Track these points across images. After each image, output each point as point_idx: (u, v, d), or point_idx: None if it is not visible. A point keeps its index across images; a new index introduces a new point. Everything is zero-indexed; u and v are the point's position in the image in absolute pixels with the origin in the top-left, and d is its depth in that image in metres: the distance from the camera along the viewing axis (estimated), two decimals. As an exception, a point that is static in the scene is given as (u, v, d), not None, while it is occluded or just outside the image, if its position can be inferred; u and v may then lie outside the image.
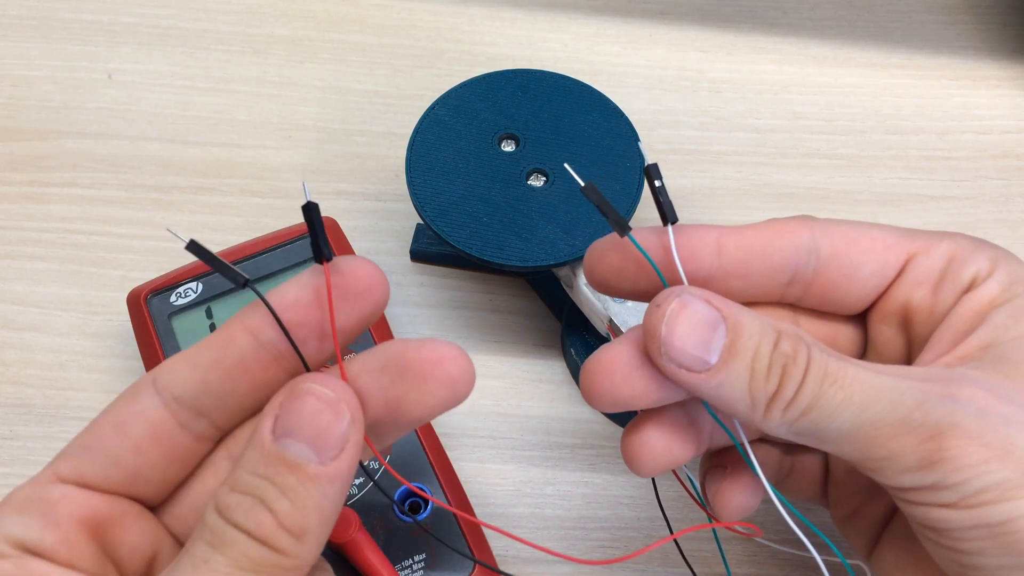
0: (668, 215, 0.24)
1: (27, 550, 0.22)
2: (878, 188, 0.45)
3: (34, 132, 0.45)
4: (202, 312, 0.36)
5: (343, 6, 0.50)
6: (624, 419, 0.37)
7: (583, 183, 0.24)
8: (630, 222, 0.25)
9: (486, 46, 0.49)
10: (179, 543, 0.24)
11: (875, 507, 0.28)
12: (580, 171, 0.26)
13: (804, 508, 0.25)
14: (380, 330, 0.37)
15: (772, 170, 0.45)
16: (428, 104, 0.38)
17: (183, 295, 0.36)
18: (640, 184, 0.36)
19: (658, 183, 0.24)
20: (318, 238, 0.22)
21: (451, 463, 0.35)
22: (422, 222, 0.39)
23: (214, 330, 0.23)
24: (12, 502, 0.22)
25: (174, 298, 0.36)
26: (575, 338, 0.38)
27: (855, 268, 0.26)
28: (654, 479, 0.28)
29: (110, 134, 0.45)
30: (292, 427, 0.21)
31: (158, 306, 0.36)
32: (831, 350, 0.23)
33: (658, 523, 0.36)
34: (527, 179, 0.36)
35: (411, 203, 0.36)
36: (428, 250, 0.41)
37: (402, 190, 0.42)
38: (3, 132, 0.45)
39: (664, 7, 0.50)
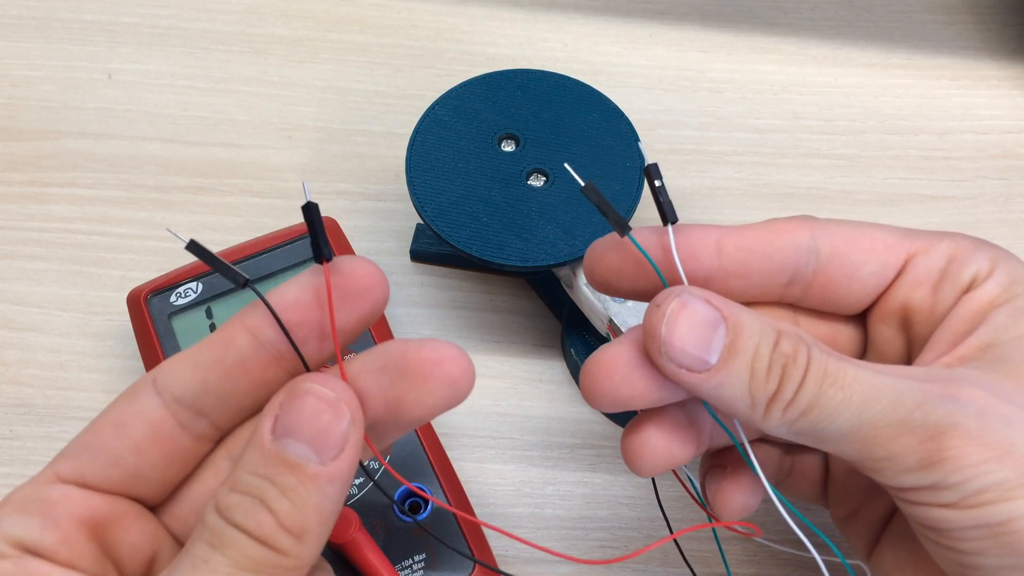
0: (668, 215, 0.24)
1: (27, 550, 0.22)
2: (878, 188, 0.45)
3: (34, 132, 0.45)
4: (202, 312, 0.36)
5: (343, 6, 0.50)
6: (624, 419, 0.37)
7: (583, 183, 0.24)
8: (630, 222, 0.25)
9: (486, 46, 0.49)
10: (179, 543, 0.24)
11: (875, 507, 0.28)
12: (580, 171, 0.26)
13: (804, 508, 0.25)
14: (380, 330, 0.37)
15: (772, 170, 0.45)
16: (428, 104, 0.38)
17: (183, 295, 0.36)
18: (640, 184, 0.36)
19: (658, 183, 0.24)
20: (318, 238, 0.22)
21: (451, 463, 0.35)
22: (422, 222, 0.39)
23: (214, 330, 0.23)
24: (12, 502, 0.22)
25: (174, 298, 0.36)
26: (575, 338, 0.38)
27: (855, 268, 0.26)
28: (654, 479, 0.28)
29: (110, 134, 0.45)
30: (292, 427, 0.21)
31: (158, 306, 0.36)
32: (831, 350, 0.23)
33: (658, 523, 0.36)
34: (527, 179, 0.36)
35: (411, 203, 0.36)
36: (428, 250, 0.41)
37: (402, 190, 0.42)
38: (3, 132, 0.45)
39: (664, 7, 0.50)
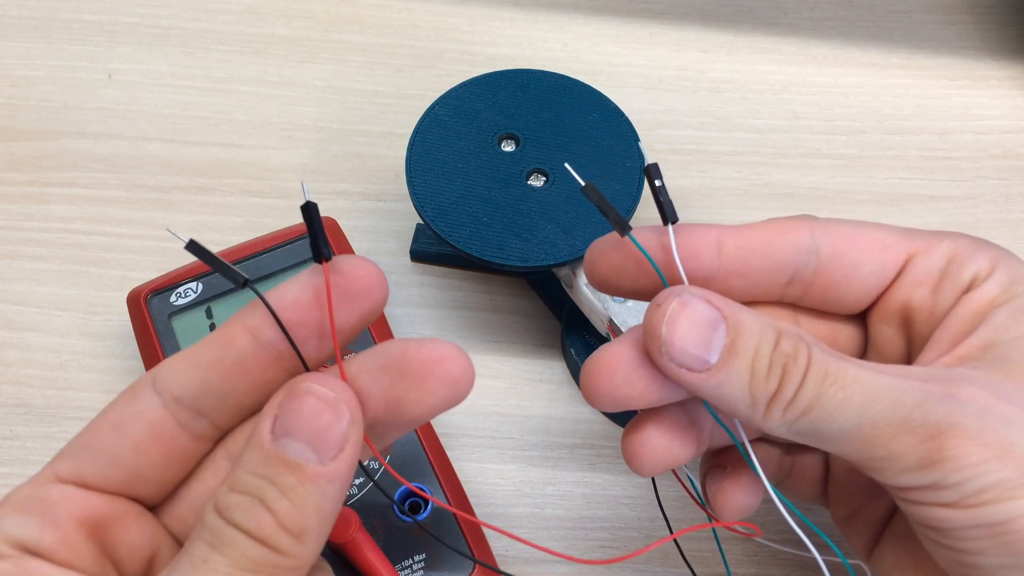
0: (668, 214, 0.24)
1: (26, 550, 0.22)
2: (878, 188, 0.45)
3: (34, 132, 0.45)
4: (202, 312, 0.36)
5: (343, 6, 0.50)
6: (624, 419, 0.37)
7: (583, 183, 0.24)
8: (630, 222, 0.25)
9: (486, 46, 0.49)
10: (178, 543, 0.24)
11: (875, 507, 0.28)
12: (580, 171, 0.26)
13: (804, 508, 0.25)
14: (380, 330, 0.37)
15: (772, 170, 0.45)
16: (428, 104, 0.38)
17: (183, 295, 0.36)
18: (640, 184, 0.36)
19: (658, 183, 0.24)
20: (317, 238, 0.22)
21: (451, 463, 0.35)
22: (422, 222, 0.39)
23: (214, 330, 0.23)
24: (11, 502, 0.22)
25: (174, 298, 0.36)
26: (575, 338, 0.38)
27: (855, 268, 0.26)
28: (654, 479, 0.28)
29: (110, 134, 0.45)
30: (291, 427, 0.21)
31: (158, 306, 0.36)
32: (831, 350, 0.23)
33: (658, 523, 0.36)
34: (527, 179, 0.36)
35: (411, 203, 0.36)
36: (428, 250, 0.41)
37: (402, 190, 0.42)
38: (3, 132, 0.45)
39: (664, 7, 0.50)
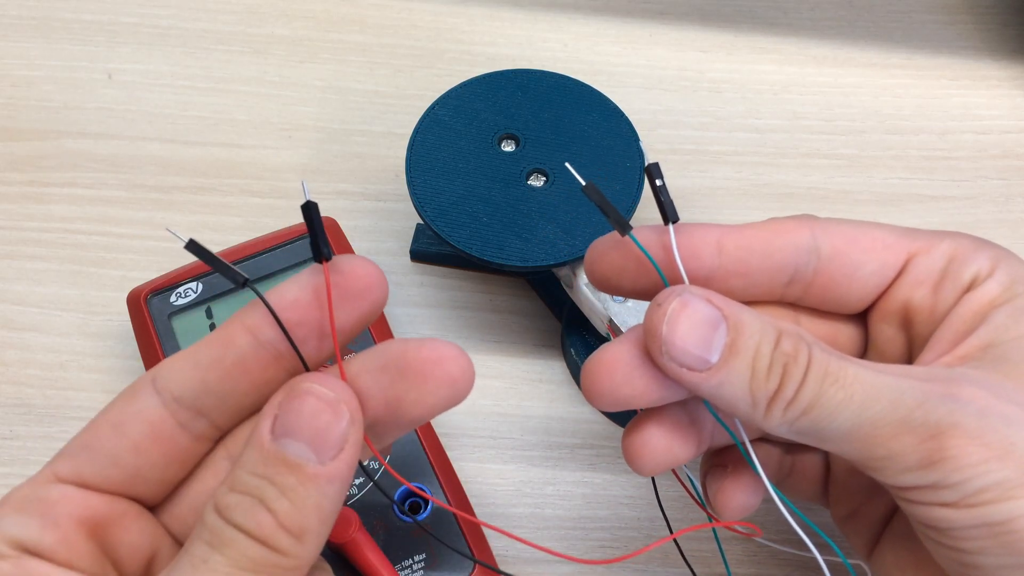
0: (669, 214, 0.24)
1: (26, 550, 0.22)
2: (878, 188, 0.45)
3: (34, 132, 0.45)
4: (202, 312, 0.36)
5: (343, 6, 0.50)
6: (624, 419, 0.37)
7: (584, 182, 0.24)
8: (630, 222, 0.25)
9: (486, 46, 0.49)
10: (178, 543, 0.24)
11: (876, 506, 0.28)
12: (580, 171, 0.26)
13: (804, 508, 0.25)
14: (380, 330, 0.37)
15: (772, 170, 0.45)
16: (428, 104, 0.38)
17: (183, 295, 0.36)
18: (640, 184, 0.36)
19: (659, 182, 0.24)
20: (317, 237, 0.22)
21: (451, 463, 0.34)
22: (422, 222, 0.39)
23: (214, 330, 0.23)
24: (11, 502, 0.22)
25: (174, 298, 0.36)
26: (575, 338, 0.38)
27: (855, 267, 0.26)
28: (654, 479, 0.28)
29: (110, 134, 0.45)
30: (291, 427, 0.21)
31: (158, 306, 0.36)
32: (832, 349, 0.23)
33: (658, 523, 0.36)
34: (527, 179, 0.36)
35: (411, 203, 0.36)
36: (428, 250, 0.41)
37: (402, 190, 0.42)
38: (3, 132, 0.45)
39: (664, 7, 0.50)
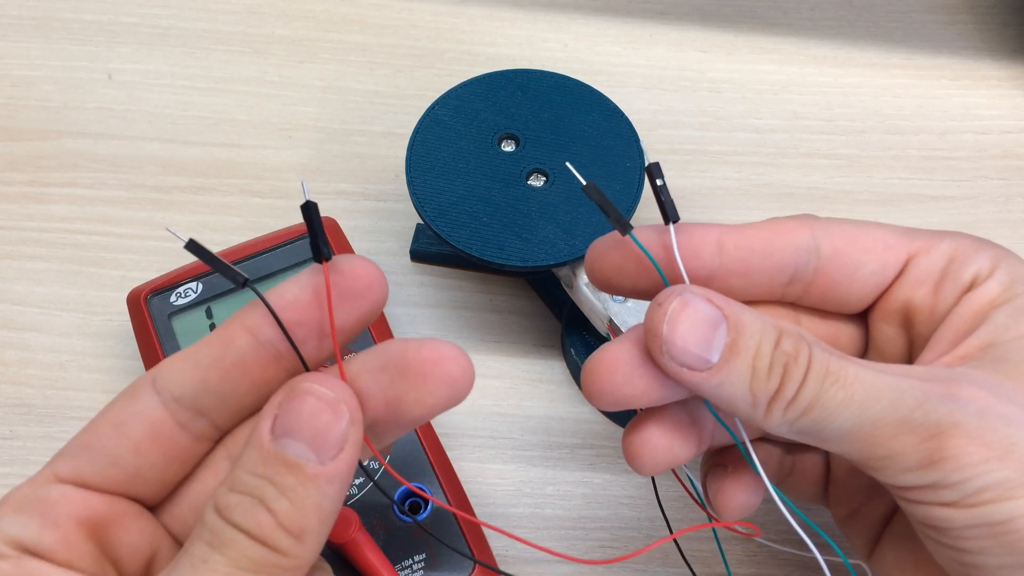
0: (670, 214, 0.24)
1: (26, 550, 0.22)
2: (878, 188, 0.45)
3: (34, 132, 0.45)
4: (202, 312, 0.36)
5: (343, 6, 0.50)
6: (624, 419, 0.37)
7: (584, 182, 0.24)
8: (630, 221, 0.25)
9: (486, 46, 0.49)
10: (178, 543, 0.24)
11: (876, 506, 0.28)
12: (580, 171, 0.26)
13: (805, 508, 0.25)
14: (380, 330, 0.37)
15: (772, 170, 0.45)
16: (428, 104, 0.38)
17: (183, 295, 0.36)
18: (640, 183, 0.36)
19: (660, 182, 0.24)
20: (317, 237, 0.22)
21: (451, 463, 0.34)
22: (422, 222, 0.39)
23: (214, 330, 0.23)
24: (11, 502, 0.22)
25: (174, 298, 0.36)
26: (575, 338, 0.38)
27: (856, 267, 0.26)
28: (654, 479, 0.28)
29: (110, 134, 0.45)
30: (291, 427, 0.21)
31: (158, 306, 0.36)
32: (832, 349, 0.23)
33: (658, 523, 0.36)
34: (527, 179, 0.36)
35: (411, 203, 0.36)
36: (428, 250, 0.41)
37: (402, 190, 0.42)
38: (3, 132, 0.45)
39: (664, 7, 0.50)
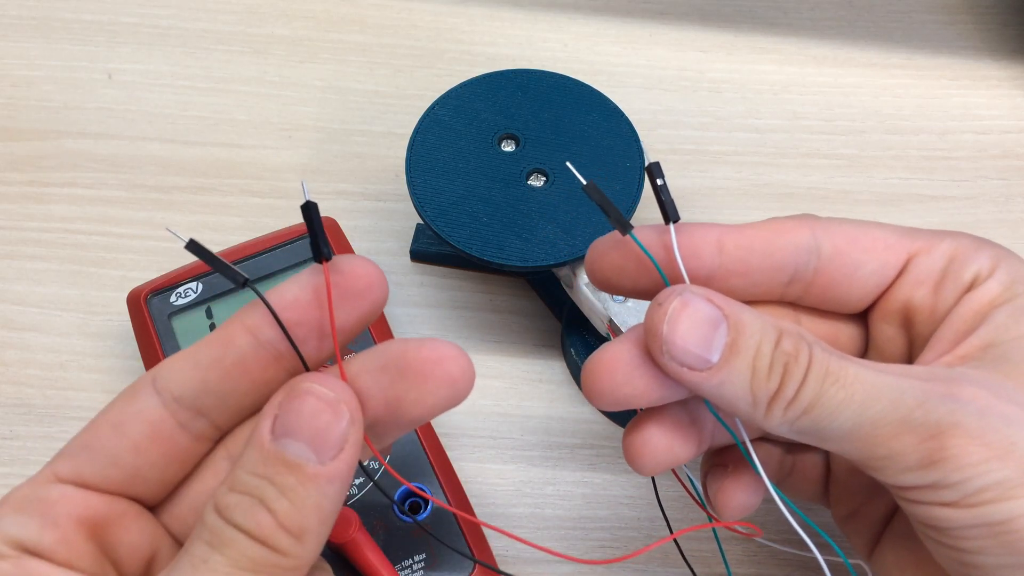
0: (670, 213, 0.24)
1: (26, 550, 0.22)
2: (878, 188, 0.45)
3: (34, 132, 0.45)
4: (202, 312, 0.36)
5: (343, 6, 0.50)
6: (624, 419, 0.37)
7: (584, 181, 0.24)
8: (630, 221, 0.25)
9: (486, 46, 0.49)
10: (178, 543, 0.24)
11: (876, 506, 0.28)
12: (580, 171, 0.26)
13: (805, 508, 0.25)
14: (380, 330, 0.37)
15: (772, 170, 0.45)
16: (428, 104, 0.38)
17: (183, 295, 0.36)
18: (640, 183, 0.36)
19: (660, 181, 0.24)
20: (317, 237, 0.22)
21: (451, 463, 0.34)
22: (422, 222, 0.39)
23: (214, 330, 0.23)
24: (11, 502, 0.22)
25: (174, 298, 0.36)
26: (575, 338, 0.38)
27: (856, 267, 0.26)
28: (654, 479, 0.28)
29: (110, 134, 0.45)
30: (291, 427, 0.21)
31: (158, 306, 0.36)
32: (832, 349, 0.23)
33: (658, 523, 0.36)
34: (527, 179, 0.36)
35: (411, 203, 0.36)
36: (428, 250, 0.41)
37: (402, 190, 0.42)
38: (3, 132, 0.45)
39: (664, 7, 0.50)
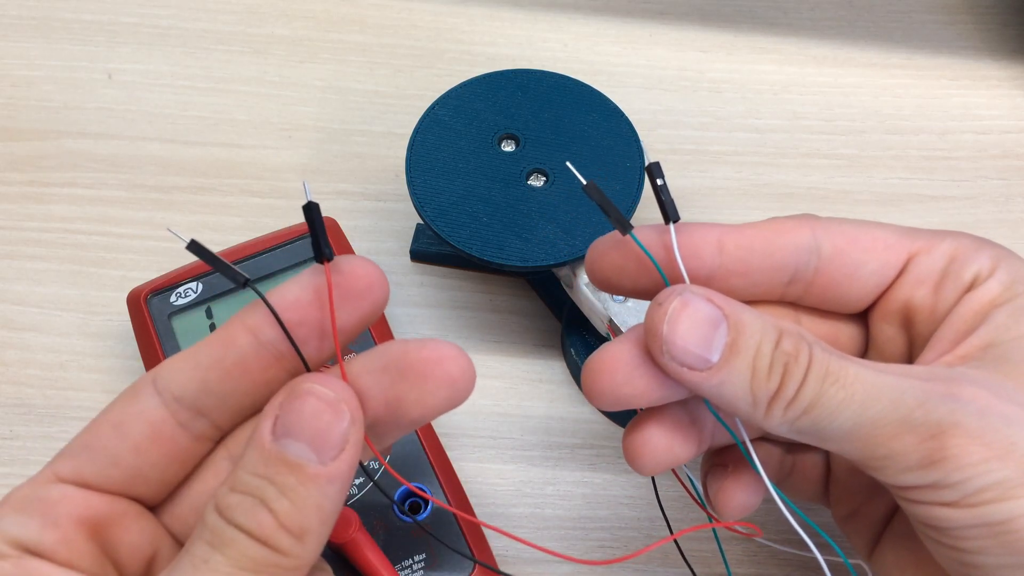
0: (670, 213, 0.24)
1: (26, 550, 0.22)
2: (878, 188, 0.45)
3: (34, 132, 0.45)
4: (202, 312, 0.36)
5: (343, 6, 0.50)
6: (624, 419, 0.37)
7: (585, 181, 0.24)
8: (630, 221, 0.25)
9: (486, 46, 0.49)
10: (179, 543, 0.24)
11: (876, 506, 0.28)
12: (580, 171, 0.26)
13: (805, 508, 0.25)
14: (380, 330, 0.37)
15: (772, 170, 0.45)
16: (428, 104, 0.38)
17: (183, 295, 0.36)
18: (640, 183, 0.36)
19: (660, 181, 0.24)
20: (319, 238, 0.22)
21: (451, 463, 0.34)
22: (422, 222, 0.39)
23: (214, 330, 0.23)
24: (11, 502, 0.22)
25: (174, 298, 0.36)
26: (575, 338, 0.38)
27: (856, 267, 0.26)
28: (654, 479, 0.28)
29: (110, 134, 0.45)
30: (292, 427, 0.21)
31: (158, 306, 0.36)
32: (833, 349, 0.23)
33: (658, 523, 0.36)
34: (527, 179, 0.36)
35: (411, 203, 0.36)
36: (428, 250, 0.41)
37: (402, 190, 0.42)
38: (3, 132, 0.45)
39: (664, 7, 0.50)
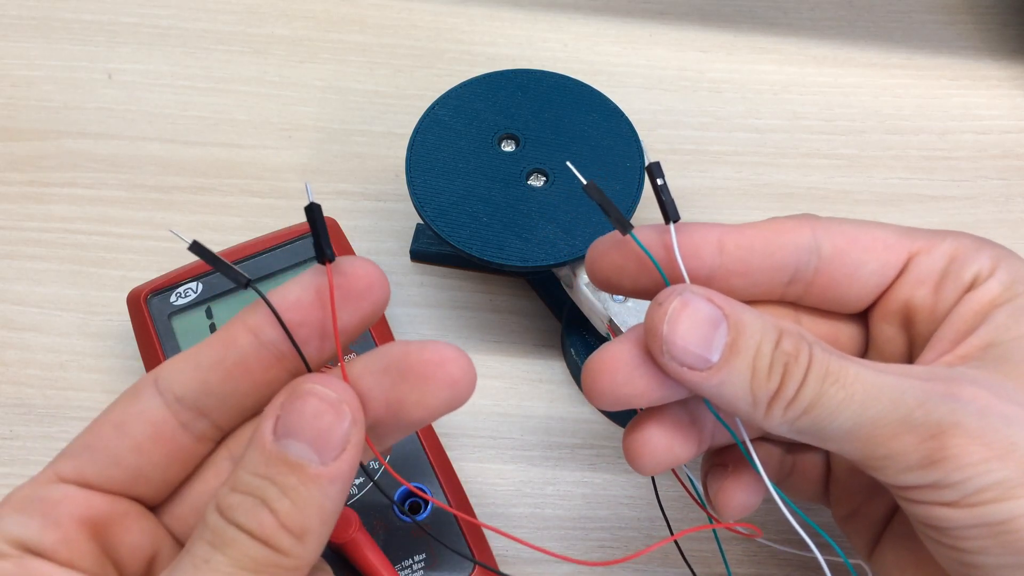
0: (670, 213, 0.24)
1: (27, 550, 0.22)
2: (878, 188, 0.45)
3: (34, 132, 0.45)
4: (202, 312, 0.36)
5: (343, 6, 0.50)
6: (624, 419, 0.37)
7: (585, 181, 0.24)
8: (630, 221, 0.25)
9: (486, 46, 0.49)
10: (179, 543, 0.24)
11: (876, 506, 0.28)
12: (580, 171, 0.26)
13: (805, 507, 0.25)
14: (380, 330, 0.37)
15: (772, 170, 0.45)
16: (428, 104, 0.38)
17: (183, 295, 0.36)
18: (640, 183, 0.36)
19: (660, 181, 0.24)
20: (321, 239, 0.22)
21: (451, 463, 0.34)
22: (422, 222, 0.39)
23: (214, 330, 0.23)
24: (12, 502, 0.22)
25: (174, 298, 0.36)
26: (575, 338, 0.38)
27: (856, 267, 0.26)
28: (654, 479, 0.28)
29: (110, 134, 0.45)
30: (293, 427, 0.21)
31: (158, 306, 0.36)
32: (833, 349, 0.23)
33: (658, 523, 0.36)
34: (527, 179, 0.36)
35: (411, 203, 0.36)
36: (428, 250, 0.41)
37: (402, 190, 0.42)
38: (3, 132, 0.45)
39: (664, 7, 0.50)
